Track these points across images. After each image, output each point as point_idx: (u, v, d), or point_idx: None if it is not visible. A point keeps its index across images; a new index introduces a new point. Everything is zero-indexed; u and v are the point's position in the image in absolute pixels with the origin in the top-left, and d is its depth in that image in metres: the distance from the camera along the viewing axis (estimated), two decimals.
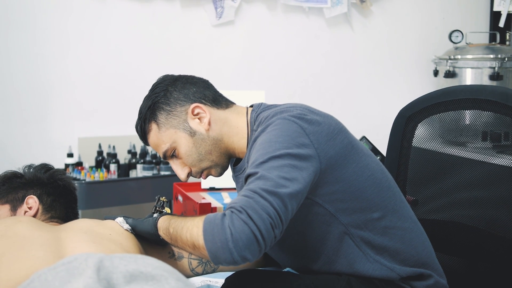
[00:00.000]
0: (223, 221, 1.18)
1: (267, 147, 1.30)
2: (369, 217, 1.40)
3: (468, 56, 3.24)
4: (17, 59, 3.02)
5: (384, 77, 3.66)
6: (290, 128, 1.33)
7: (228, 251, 1.16)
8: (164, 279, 0.97)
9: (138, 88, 3.19)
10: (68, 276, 0.95)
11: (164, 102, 1.50)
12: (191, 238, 1.25)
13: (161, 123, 1.49)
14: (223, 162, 1.52)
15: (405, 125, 1.80)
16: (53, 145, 3.05)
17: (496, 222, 1.63)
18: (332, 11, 3.45)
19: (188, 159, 1.49)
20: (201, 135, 1.48)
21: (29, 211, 1.60)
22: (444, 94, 1.73)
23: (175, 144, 1.49)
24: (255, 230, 1.16)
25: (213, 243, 1.17)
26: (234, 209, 1.19)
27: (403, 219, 1.45)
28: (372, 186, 1.41)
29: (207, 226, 1.20)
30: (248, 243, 1.16)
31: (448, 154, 1.77)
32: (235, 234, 1.15)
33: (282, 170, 1.25)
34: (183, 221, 1.32)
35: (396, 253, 1.42)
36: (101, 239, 1.37)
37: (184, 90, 1.51)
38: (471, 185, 1.71)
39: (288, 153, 1.28)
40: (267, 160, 1.27)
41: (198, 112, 1.49)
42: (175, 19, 3.25)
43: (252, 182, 1.24)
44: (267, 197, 1.20)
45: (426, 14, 3.70)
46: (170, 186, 2.73)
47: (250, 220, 1.16)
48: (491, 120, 1.70)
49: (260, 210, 1.18)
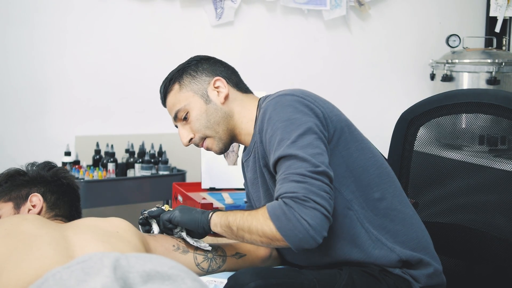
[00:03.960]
0: (292, 213, 1.31)
1: (288, 124, 1.41)
2: (371, 197, 1.47)
3: (466, 60, 3.26)
4: (15, 57, 3.01)
5: (381, 80, 3.67)
6: (301, 103, 1.45)
7: (312, 239, 1.31)
8: (181, 279, 0.97)
9: (137, 88, 3.22)
10: (84, 275, 0.95)
11: (193, 69, 1.63)
12: (264, 235, 1.37)
13: (184, 85, 1.62)
14: (226, 139, 1.62)
15: (407, 128, 1.81)
16: (51, 143, 3.03)
17: (496, 224, 1.65)
18: (331, 14, 3.46)
19: (196, 123, 1.60)
20: (215, 105, 1.60)
21: (33, 209, 1.58)
22: (446, 98, 1.74)
23: (189, 107, 1.60)
24: (324, 212, 1.31)
25: (295, 236, 1.32)
26: (297, 199, 1.32)
27: (403, 204, 1.52)
28: (373, 167, 1.50)
29: (279, 223, 1.33)
30: (323, 224, 1.32)
31: (449, 158, 1.78)
32: (312, 223, 1.30)
33: (312, 146, 1.38)
34: (244, 218, 1.42)
35: (396, 234, 1.47)
36: (108, 237, 1.36)
37: (214, 66, 1.65)
38: (473, 188, 1.72)
39: (309, 128, 1.40)
40: (295, 140, 1.38)
41: (218, 85, 1.61)
42: (174, 19, 3.24)
43: (293, 164, 1.36)
44: (317, 177, 1.34)
45: (423, 18, 3.72)
46: (169, 186, 2.72)
47: (317, 204, 1.31)
48: (492, 124, 1.71)
49: (319, 191, 1.32)
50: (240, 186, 2.51)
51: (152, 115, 3.21)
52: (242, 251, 1.63)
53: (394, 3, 3.64)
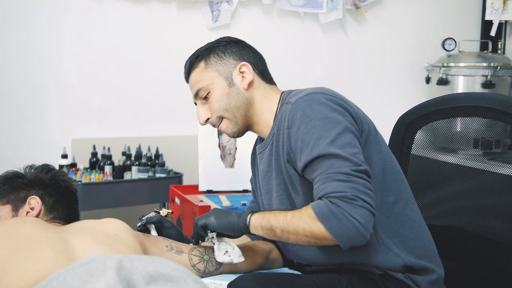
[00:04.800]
0: (342, 212, 1.32)
1: (326, 123, 1.41)
2: (386, 200, 1.48)
3: (461, 64, 3.28)
4: (13, 59, 3.01)
5: (377, 83, 3.68)
6: (335, 101, 1.46)
7: (362, 237, 1.33)
8: (183, 280, 0.97)
9: (134, 90, 3.22)
10: (88, 277, 0.95)
11: (221, 50, 1.61)
12: (312, 235, 1.36)
13: (210, 64, 1.59)
14: (242, 125, 1.60)
15: (405, 132, 1.81)
16: (47, 145, 3.03)
17: (491, 227, 1.66)
18: (328, 17, 3.47)
19: (215, 103, 1.58)
20: (238, 90, 1.58)
21: (31, 211, 1.57)
22: (444, 101, 1.74)
23: (211, 87, 1.58)
24: (371, 209, 1.33)
25: (346, 235, 1.32)
26: (346, 198, 1.32)
27: (414, 212, 1.53)
28: (392, 171, 1.51)
29: (328, 223, 1.33)
30: (371, 220, 1.34)
31: (445, 161, 1.79)
32: (362, 221, 1.31)
33: (352, 144, 1.39)
34: (288, 220, 1.40)
35: (405, 239, 1.48)
36: (108, 239, 1.36)
37: (243, 50, 1.63)
38: (468, 191, 1.73)
39: (346, 127, 1.41)
40: (334, 138, 1.39)
41: (244, 71, 1.59)
42: (171, 22, 3.25)
43: (336, 163, 1.36)
44: (361, 176, 1.35)
45: (419, 22, 3.74)
46: (166, 189, 2.73)
47: (364, 202, 1.33)
48: (486, 127, 1.72)
49: (365, 190, 1.34)
50: (238, 188, 2.52)
51: (148, 118, 3.22)
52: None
53: (391, 7, 3.66)
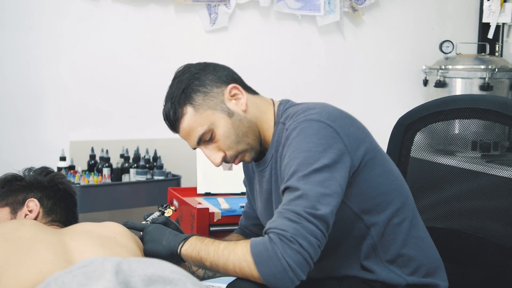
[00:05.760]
0: (274, 251, 1.25)
1: (307, 157, 1.33)
2: (390, 222, 1.43)
3: (459, 67, 3.28)
4: (10, 62, 3.00)
5: (375, 86, 3.68)
6: (325, 132, 1.36)
7: (289, 280, 1.25)
8: (182, 283, 0.97)
9: (132, 93, 3.22)
10: (86, 279, 0.95)
11: (199, 84, 1.46)
12: (241, 271, 1.30)
13: (198, 105, 1.45)
14: (256, 146, 1.50)
15: (404, 134, 1.81)
16: (46, 148, 3.02)
17: (491, 229, 1.66)
18: (325, 19, 3.47)
19: (226, 141, 1.46)
20: (239, 116, 1.47)
21: (30, 214, 1.57)
22: (444, 103, 1.74)
23: (213, 126, 1.45)
24: (307, 258, 1.26)
25: (272, 275, 1.26)
26: (284, 238, 1.25)
27: (417, 228, 1.49)
28: (395, 191, 1.45)
29: (258, 258, 1.27)
30: (304, 268, 1.26)
31: (443, 164, 1.79)
32: (292, 265, 1.24)
33: (324, 185, 1.30)
34: (220, 251, 1.33)
35: (409, 261, 1.45)
36: (106, 242, 1.36)
37: (217, 73, 1.49)
38: (467, 194, 1.73)
39: (326, 165, 1.32)
40: (308, 174, 1.31)
41: (235, 94, 1.48)
42: (169, 24, 3.25)
43: (294, 200, 1.29)
44: (313, 221, 1.26)
45: (417, 24, 3.73)
46: (164, 191, 2.72)
47: (302, 249, 1.25)
48: (485, 129, 1.72)
49: (309, 236, 1.26)
50: (236, 191, 2.51)
51: (146, 120, 3.21)
52: None
53: (388, 9, 3.65)
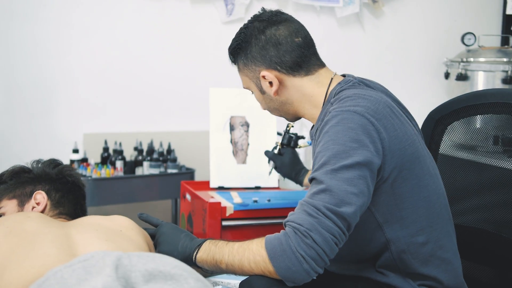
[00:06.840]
0: (288, 244, 1.23)
1: (340, 151, 1.28)
2: (414, 240, 1.37)
3: (481, 59, 3.20)
4: (21, 54, 2.98)
5: (394, 78, 3.62)
6: (365, 129, 1.30)
7: (304, 272, 1.23)
8: (183, 278, 0.93)
9: (145, 85, 3.19)
10: (85, 274, 0.91)
11: (244, 53, 1.50)
12: (257, 267, 1.28)
13: (240, 67, 1.54)
14: (291, 118, 1.58)
15: (434, 128, 1.76)
16: (59, 140, 3.01)
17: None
18: (344, 11, 3.42)
19: (260, 104, 1.58)
20: (269, 96, 1.52)
21: (37, 206, 1.55)
22: (474, 97, 1.68)
23: (250, 89, 1.56)
24: (321, 253, 1.22)
25: (287, 268, 1.23)
26: (298, 231, 1.23)
27: (445, 249, 1.42)
28: (424, 208, 1.38)
29: (273, 252, 1.25)
30: (319, 262, 1.23)
31: (477, 162, 1.73)
32: (307, 257, 1.22)
33: (351, 183, 1.25)
34: (234, 251, 1.32)
35: (427, 278, 1.40)
36: (112, 235, 1.33)
37: (263, 51, 1.47)
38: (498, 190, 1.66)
39: (358, 162, 1.27)
40: (337, 169, 1.26)
41: (267, 78, 1.49)
42: (184, 16, 3.21)
43: (317, 194, 1.26)
44: (332, 217, 1.23)
45: (438, 16, 3.67)
46: (177, 184, 2.69)
47: (315, 244, 1.22)
48: (508, 124, 1.66)
49: (324, 232, 1.22)
50: (249, 185, 2.47)
51: (161, 113, 3.18)
52: None
53: (408, 0, 3.59)
